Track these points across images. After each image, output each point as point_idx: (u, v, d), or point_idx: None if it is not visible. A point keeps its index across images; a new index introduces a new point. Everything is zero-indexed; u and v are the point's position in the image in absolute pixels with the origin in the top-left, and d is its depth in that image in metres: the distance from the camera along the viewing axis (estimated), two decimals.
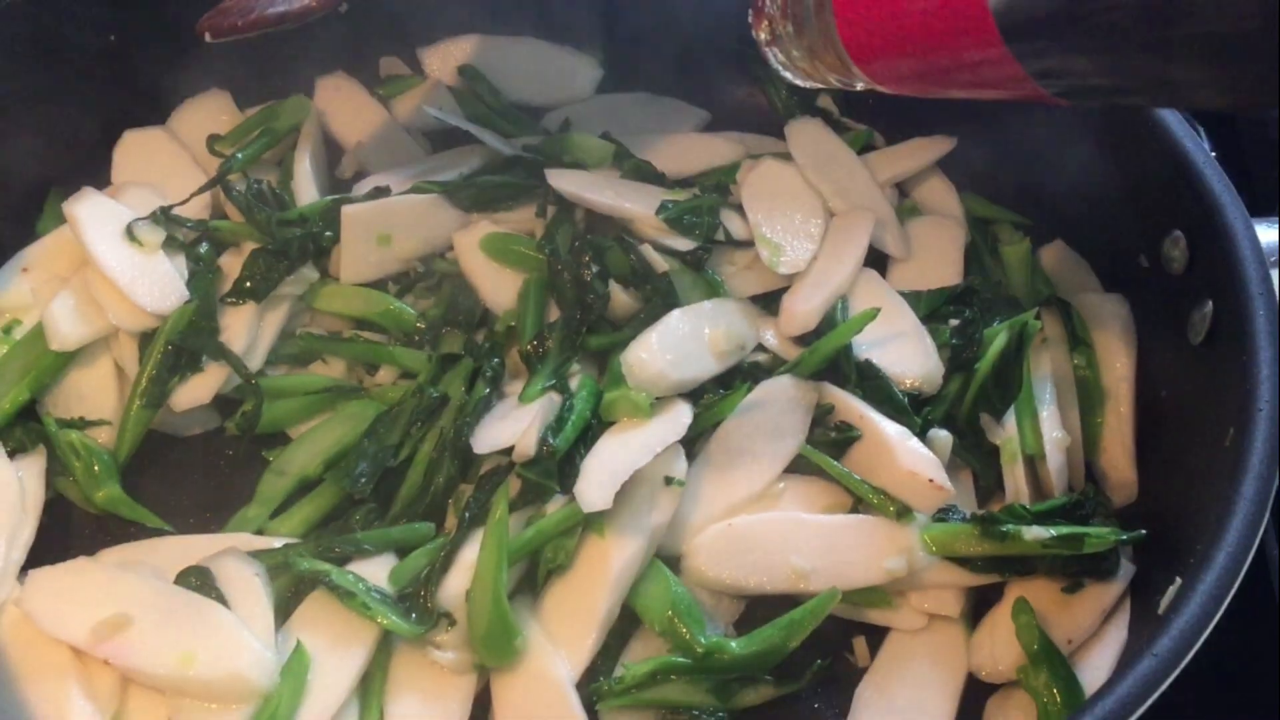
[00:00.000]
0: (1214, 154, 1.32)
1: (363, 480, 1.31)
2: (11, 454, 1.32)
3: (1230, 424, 1.14)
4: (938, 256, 1.52)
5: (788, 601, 1.23)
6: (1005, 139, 1.52)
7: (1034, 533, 1.21)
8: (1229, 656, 1.09)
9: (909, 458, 1.27)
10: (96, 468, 1.31)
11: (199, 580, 1.20)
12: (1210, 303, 1.24)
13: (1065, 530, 1.21)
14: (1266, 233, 1.26)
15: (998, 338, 1.35)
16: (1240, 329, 1.18)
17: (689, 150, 1.62)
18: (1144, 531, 1.22)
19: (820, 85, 1.20)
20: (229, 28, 1.23)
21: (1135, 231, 1.37)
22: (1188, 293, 1.28)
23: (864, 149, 1.62)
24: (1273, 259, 1.23)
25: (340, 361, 1.44)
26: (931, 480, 1.25)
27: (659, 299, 1.41)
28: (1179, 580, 1.08)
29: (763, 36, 1.20)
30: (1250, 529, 1.05)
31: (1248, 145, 1.69)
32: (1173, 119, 1.32)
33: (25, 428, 1.34)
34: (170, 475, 1.38)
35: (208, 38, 1.24)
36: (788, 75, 1.22)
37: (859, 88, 1.15)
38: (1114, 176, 1.40)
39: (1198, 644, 0.99)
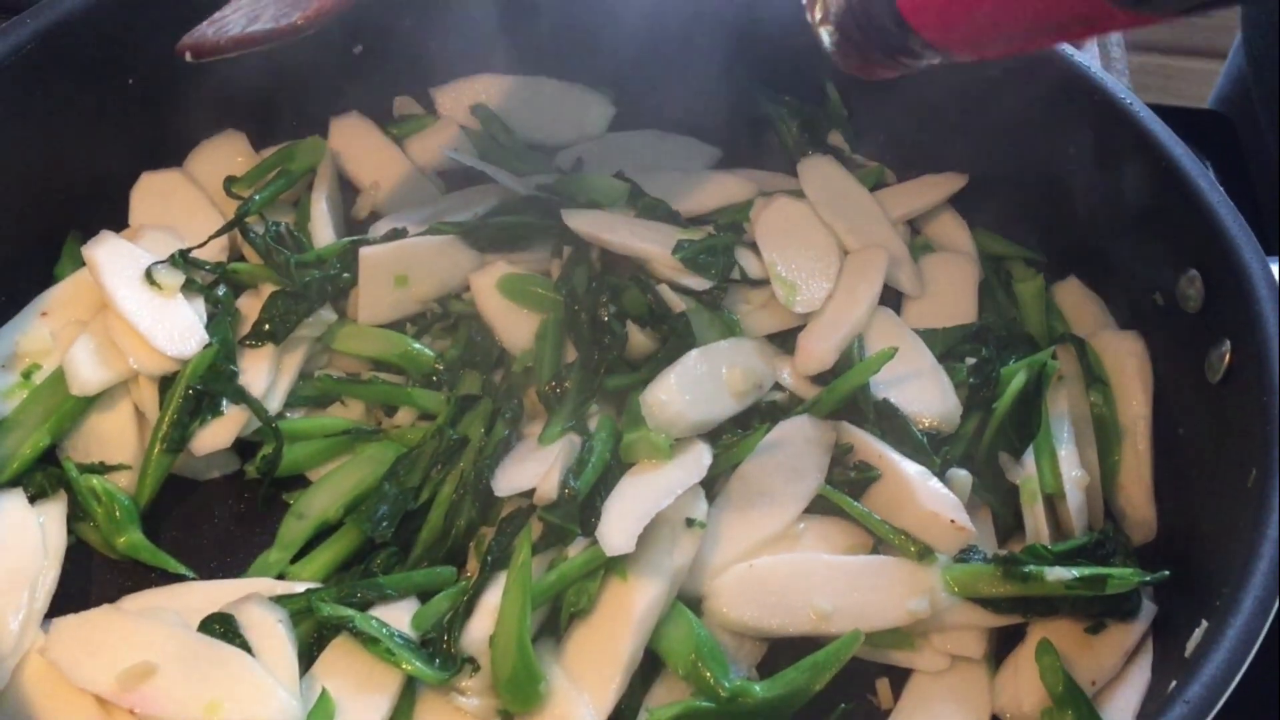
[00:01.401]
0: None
1: (384, 524, 1.30)
2: (32, 499, 1.31)
3: (1253, 465, 1.14)
4: (952, 294, 1.52)
5: (809, 644, 1.22)
6: (1017, 175, 1.52)
7: (1056, 573, 1.21)
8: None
9: (930, 498, 1.27)
10: (117, 513, 1.31)
11: (223, 627, 1.19)
12: (1228, 342, 1.24)
13: (1088, 571, 1.21)
14: None
15: (1016, 377, 1.35)
16: (1259, 369, 1.18)
17: (701, 188, 1.61)
18: (1167, 572, 1.22)
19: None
20: (211, 47, 1.18)
21: (1150, 269, 1.38)
22: (1205, 331, 1.28)
23: (875, 186, 1.62)
24: None
25: (359, 403, 1.43)
26: (953, 521, 1.25)
27: (676, 339, 1.41)
28: (1205, 623, 1.08)
29: (816, 16, 1.18)
30: (1276, 572, 1.05)
31: (1258, 185, 1.70)
32: (1185, 157, 1.33)
33: (46, 473, 1.33)
34: (191, 519, 1.37)
35: (188, 57, 1.20)
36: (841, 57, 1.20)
37: (911, 63, 1.08)
38: (1128, 214, 1.40)
39: (1229, 689, 0.99)
